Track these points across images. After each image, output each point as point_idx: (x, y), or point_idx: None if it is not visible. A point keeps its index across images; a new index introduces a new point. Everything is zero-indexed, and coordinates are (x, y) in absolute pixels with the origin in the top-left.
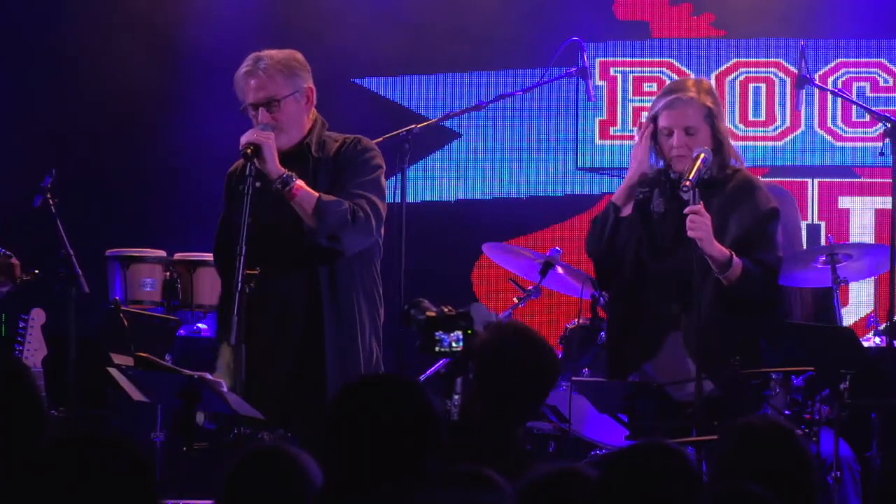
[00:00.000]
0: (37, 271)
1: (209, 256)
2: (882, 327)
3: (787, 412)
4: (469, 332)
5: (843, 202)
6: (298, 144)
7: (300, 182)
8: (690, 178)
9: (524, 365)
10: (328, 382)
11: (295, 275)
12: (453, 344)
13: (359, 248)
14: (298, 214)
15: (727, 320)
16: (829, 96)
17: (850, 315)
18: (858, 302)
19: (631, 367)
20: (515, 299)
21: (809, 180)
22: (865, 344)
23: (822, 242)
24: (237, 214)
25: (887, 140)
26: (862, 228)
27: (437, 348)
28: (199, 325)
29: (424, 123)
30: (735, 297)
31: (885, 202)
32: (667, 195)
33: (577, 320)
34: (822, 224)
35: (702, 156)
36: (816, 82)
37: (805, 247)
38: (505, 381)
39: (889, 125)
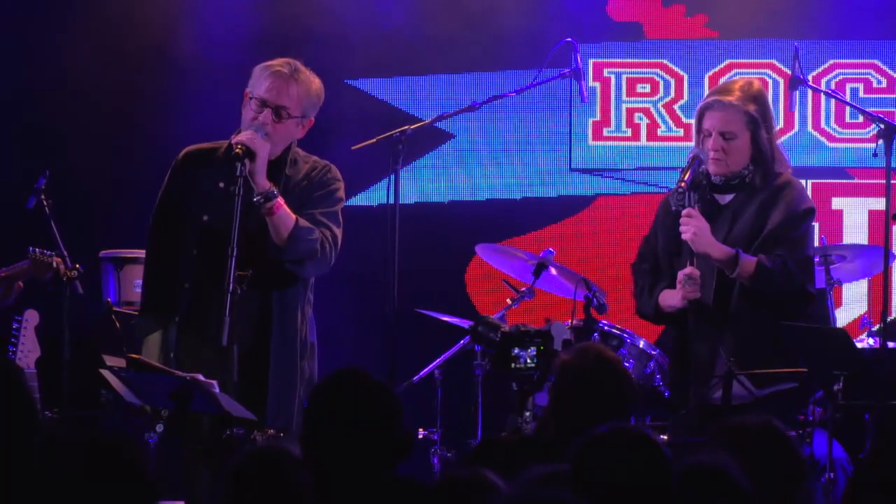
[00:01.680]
0: (78, 265)
1: None
2: (876, 328)
3: None
4: (542, 348)
5: (837, 203)
6: (275, 159)
7: (281, 200)
8: (686, 179)
9: (602, 392)
10: (269, 396)
11: (249, 288)
12: (529, 360)
13: (315, 275)
14: (264, 226)
15: (757, 321)
16: (823, 97)
17: (844, 316)
18: (852, 303)
19: (691, 390)
20: (509, 300)
21: (803, 181)
22: (859, 345)
23: (816, 244)
24: (194, 203)
25: (881, 141)
26: (855, 230)
27: (513, 364)
28: None
29: (418, 125)
30: (756, 296)
31: (878, 203)
32: (703, 198)
33: (570, 321)
34: (816, 225)
35: (695, 157)
36: (810, 83)
37: None
38: (581, 405)
39: (882, 126)
